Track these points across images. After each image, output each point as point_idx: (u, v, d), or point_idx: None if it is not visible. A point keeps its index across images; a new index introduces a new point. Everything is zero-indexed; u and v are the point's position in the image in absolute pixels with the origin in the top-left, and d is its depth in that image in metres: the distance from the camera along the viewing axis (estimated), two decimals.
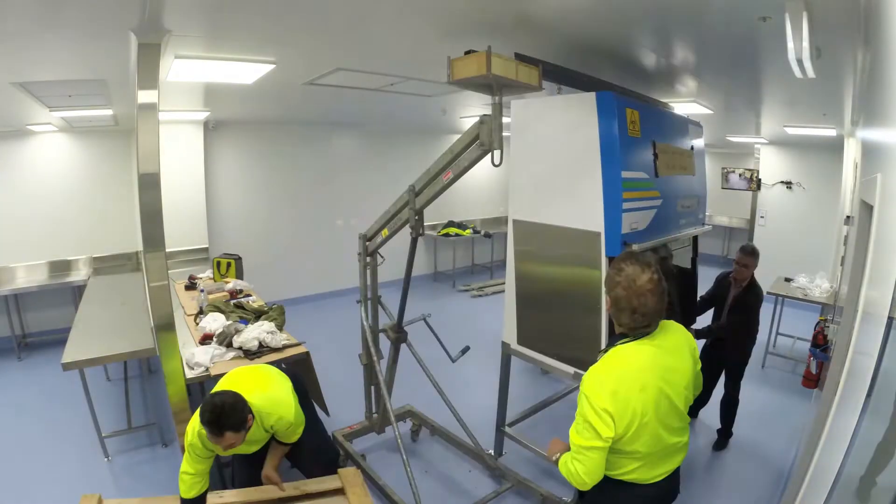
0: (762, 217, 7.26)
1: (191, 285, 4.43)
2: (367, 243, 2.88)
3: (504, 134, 2.02)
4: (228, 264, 4.82)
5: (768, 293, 5.08)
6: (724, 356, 3.36)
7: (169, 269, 3.11)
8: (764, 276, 3.42)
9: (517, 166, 2.81)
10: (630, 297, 1.45)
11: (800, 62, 1.74)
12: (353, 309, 4.82)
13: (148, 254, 2.32)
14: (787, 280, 5.24)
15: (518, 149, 2.78)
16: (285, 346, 3.01)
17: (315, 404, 3.20)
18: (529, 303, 2.86)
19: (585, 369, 1.53)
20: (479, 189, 8.81)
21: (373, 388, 3.23)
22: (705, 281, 3.64)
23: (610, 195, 2.31)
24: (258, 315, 3.40)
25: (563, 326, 2.67)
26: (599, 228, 2.36)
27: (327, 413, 3.24)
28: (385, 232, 2.68)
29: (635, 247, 2.31)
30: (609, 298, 1.53)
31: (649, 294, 1.44)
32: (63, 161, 5.18)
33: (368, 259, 2.94)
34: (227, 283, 4.41)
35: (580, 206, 2.44)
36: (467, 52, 1.86)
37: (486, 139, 1.97)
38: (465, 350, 3.18)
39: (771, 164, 7.07)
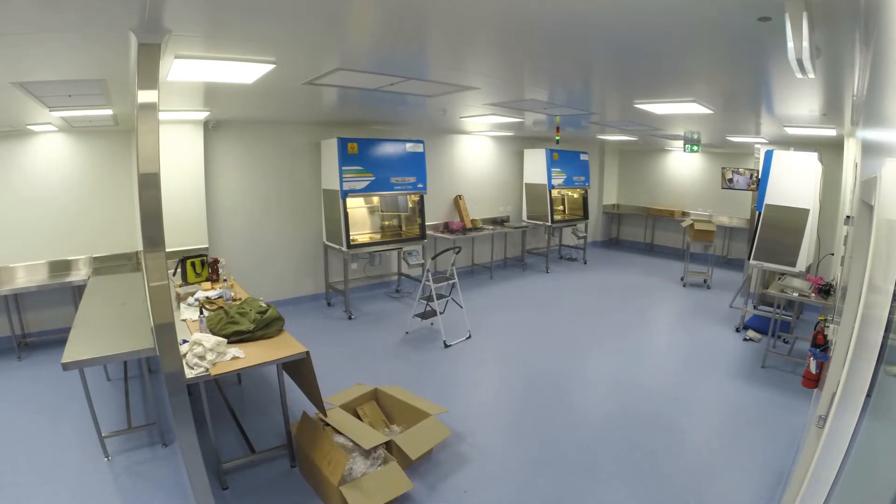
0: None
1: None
2: None
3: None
4: (203, 262, 4.62)
5: (767, 293, 5.09)
6: None
7: (168, 269, 3.12)
8: None
9: None
10: None
11: (800, 62, 1.74)
12: (357, 308, 4.76)
13: (148, 254, 2.32)
14: (779, 278, 5.25)
15: None
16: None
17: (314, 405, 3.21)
18: None
19: None
20: (482, 189, 8.84)
21: None
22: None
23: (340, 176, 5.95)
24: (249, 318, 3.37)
25: None
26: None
27: (325, 414, 3.24)
28: None
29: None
30: None
31: None
32: (63, 161, 5.19)
33: None
34: (211, 288, 4.26)
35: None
36: None
37: None
38: None
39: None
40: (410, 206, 7.12)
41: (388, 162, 6.41)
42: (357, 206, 6.77)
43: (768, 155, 5.36)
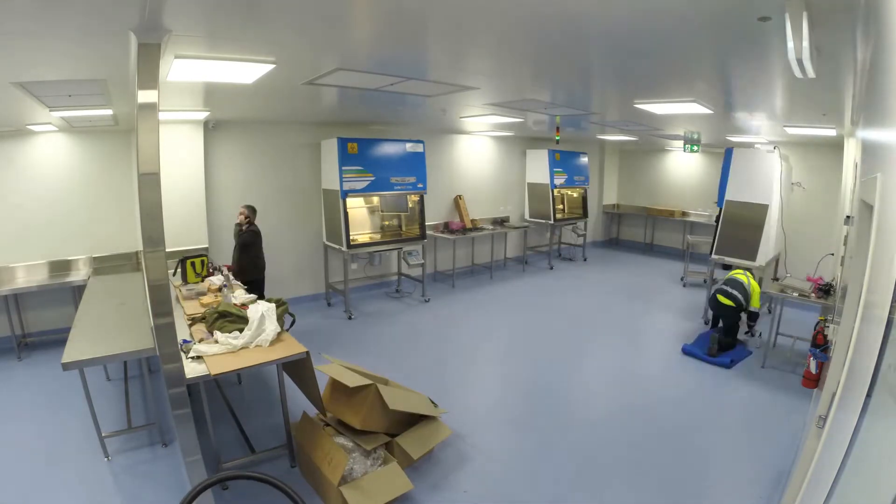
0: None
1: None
2: None
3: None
4: (203, 262, 4.65)
5: (766, 293, 5.09)
6: None
7: (168, 268, 3.13)
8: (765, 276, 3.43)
9: None
10: None
11: (800, 62, 1.74)
12: (357, 308, 4.66)
13: (148, 253, 2.32)
14: (775, 279, 5.26)
15: None
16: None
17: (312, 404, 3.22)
18: None
19: None
20: (482, 189, 8.84)
21: None
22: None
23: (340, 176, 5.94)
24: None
25: None
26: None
27: (324, 413, 3.25)
28: None
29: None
30: None
31: None
32: (63, 161, 5.19)
33: None
34: (212, 288, 4.30)
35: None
36: None
37: None
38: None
39: None
40: (410, 206, 7.12)
41: (388, 162, 6.40)
42: (357, 206, 6.76)
43: (728, 152, 5.44)
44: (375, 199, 6.94)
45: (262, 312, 3.19)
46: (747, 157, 5.34)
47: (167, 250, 2.39)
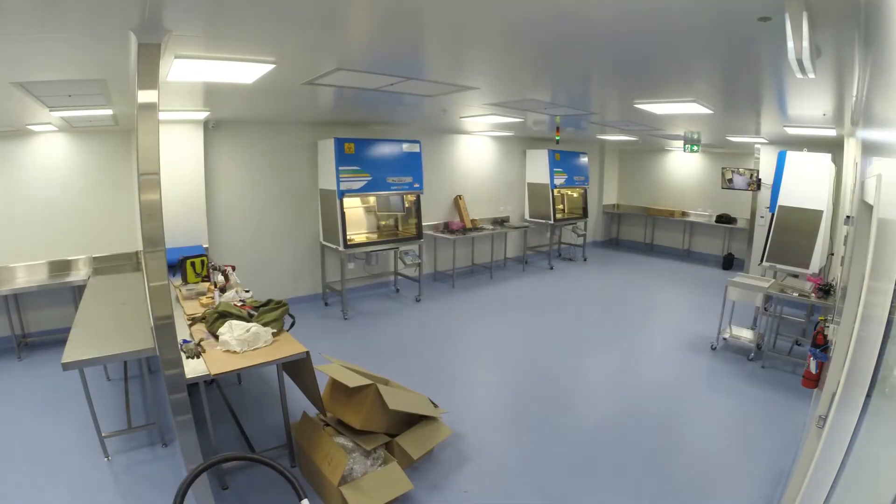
0: (762, 217, 7.27)
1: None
2: None
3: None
4: (203, 262, 4.63)
5: (767, 293, 5.08)
6: None
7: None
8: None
9: None
10: None
11: (800, 62, 1.74)
12: (354, 308, 4.69)
13: (148, 253, 2.32)
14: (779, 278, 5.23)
15: None
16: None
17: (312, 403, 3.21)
18: None
19: None
20: (482, 189, 8.84)
21: None
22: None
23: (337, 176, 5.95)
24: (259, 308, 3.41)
25: None
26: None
27: (324, 413, 3.25)
28: None
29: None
30: None
31: None
32: (63, 161, 5.19)
33: None
34: (210, 288, 4.29)
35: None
36: None
37: None
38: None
39: (771, 164, 7.07)
40: (407, 205, 7.11)
41: (384, 162, 6.39)
42: (354, 206, 6.73)
43: (781, 156, 5.33)
44: (372, 199, 6.92)
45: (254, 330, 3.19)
46: (801, 162, 5.23)
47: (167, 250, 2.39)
